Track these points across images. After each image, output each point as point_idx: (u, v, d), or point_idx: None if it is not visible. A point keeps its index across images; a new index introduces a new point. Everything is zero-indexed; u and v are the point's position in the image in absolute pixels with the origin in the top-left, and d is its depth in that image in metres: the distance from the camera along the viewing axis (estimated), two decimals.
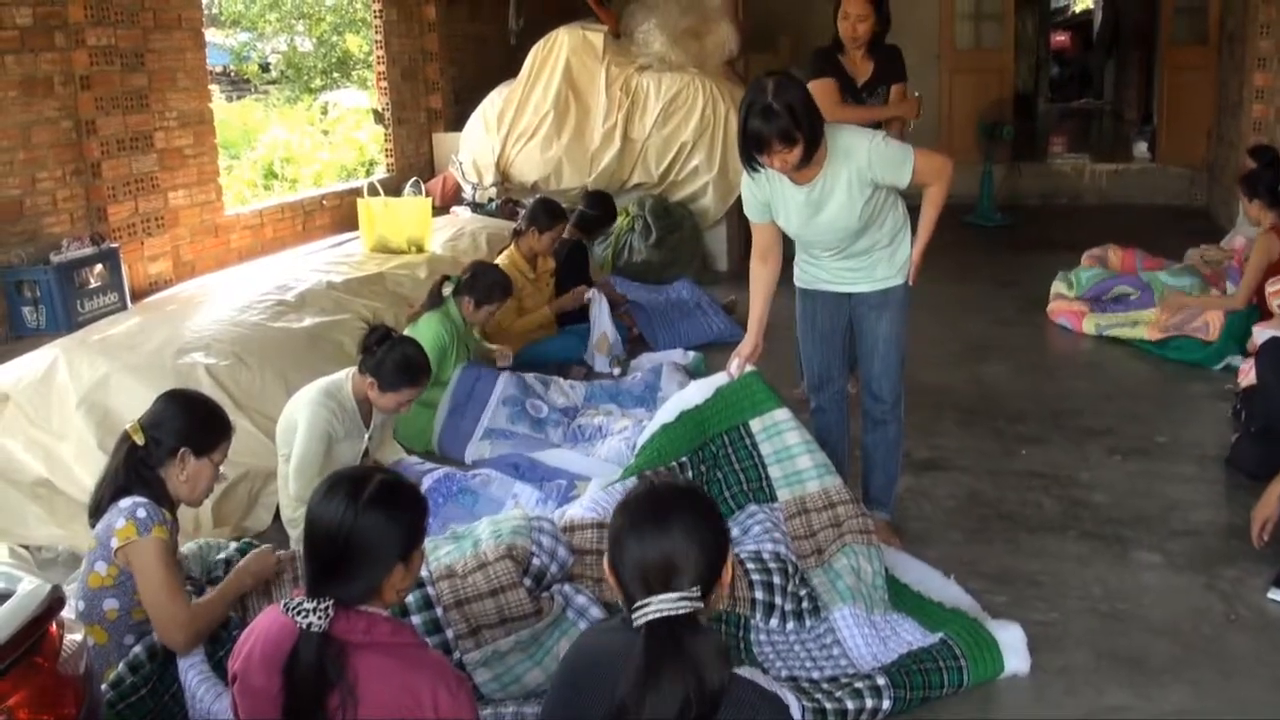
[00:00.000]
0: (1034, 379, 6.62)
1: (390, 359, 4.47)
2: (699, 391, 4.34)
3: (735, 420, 4.31)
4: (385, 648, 2.42)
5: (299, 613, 2.37)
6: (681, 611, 2.23)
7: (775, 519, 4.12)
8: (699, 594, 2.25)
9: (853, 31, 5.85)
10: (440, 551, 3.68)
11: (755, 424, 4.29)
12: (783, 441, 4.24)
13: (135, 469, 3.39)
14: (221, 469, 3.59)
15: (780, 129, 3.83)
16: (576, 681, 2.47)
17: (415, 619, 3.40)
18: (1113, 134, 15.74)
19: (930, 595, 3.97)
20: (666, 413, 4.32)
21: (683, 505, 2.37)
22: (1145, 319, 7.04)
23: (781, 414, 4.28)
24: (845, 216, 4.18)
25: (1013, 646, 3.60)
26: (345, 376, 4.60)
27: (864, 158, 4.07)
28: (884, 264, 4.44)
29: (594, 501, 4.10)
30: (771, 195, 4.25)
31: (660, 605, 2.24)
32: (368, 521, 2.45)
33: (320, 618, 2.37)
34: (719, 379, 4.35)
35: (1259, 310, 6.46)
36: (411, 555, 2.55)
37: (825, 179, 4.11)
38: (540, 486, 4.80)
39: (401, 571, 2.52)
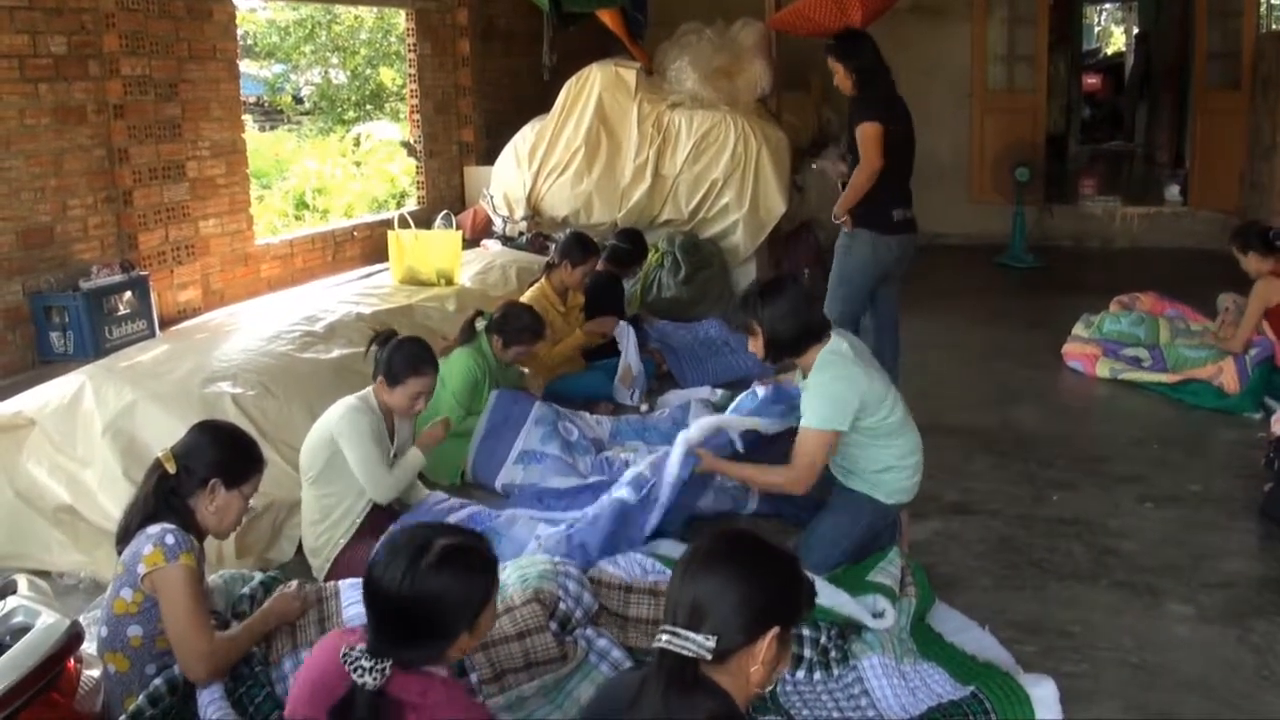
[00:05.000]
0: (1064, 423, 6.56)
1: (395, 354, 4.55)
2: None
3: None
4: (435, 711, 2.38)
5: (355, 669, 2.33)
6: (686, 652, 2.18)
7: None
8: (712, 645, 2.18)
9: (838, 84, 6.32)
10: None
11: None
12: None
13: (165, 497, 3.37)
14: (251, 502, 3.57)
15: (742, 321, 4.45)
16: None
17: None
18: (1144, 177, 15.64)
19: (964, 647, 3.91)
20: None
21: (739, 557, 2.29)
22: (1153, 380, 7.02)
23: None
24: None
25: (1045, 701, 3.51)
26: (369, 390, 4.64)
27: (811, 380, 4.30)
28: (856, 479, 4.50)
29: (626, 562, 4.10)
30: None
31: (669, 638, 2.20)
32: (432, 592, 2.41)
33: (376, 678, 2.33)
34: None
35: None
36: (478, 622, 2.51)
37: (807, 384, 4.36)
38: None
39: (466, 638, 2.49)
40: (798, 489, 4.24)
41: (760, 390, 4.95)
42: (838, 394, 4.17)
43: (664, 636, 2.21)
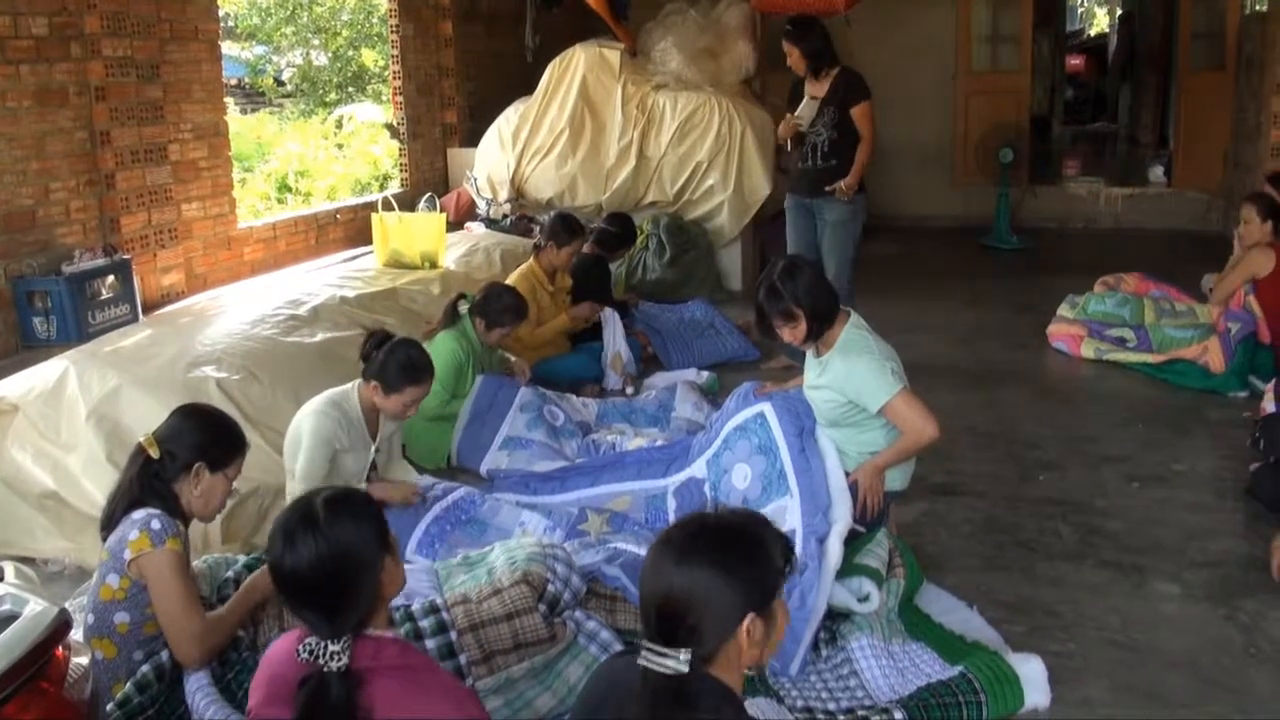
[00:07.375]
0: (1050, 404, 6.57)
1: (393, 360, 4.49)
2: None
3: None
4: (395, 670, 2.37)
5: (326, 656, 2.31)
6: (668, 672, 2.08)
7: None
8: (687, 658, 2.08)
9: (791, 65, 6.86)
10: (455, 580, 3.65)
11: None
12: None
13: (149, 482, 3.35)
14: (235, 484, 3.56)
15: (781, 309, 4.18)
16: (590, 711, 2.42)
17: (430, 643, 3.37)
18: (1127, 158, 15.67)
19: (952, 627, 3.92)
20: None
21: (715, 549, 2.16)
22: (1138, 359, 7.05)
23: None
24: (825, 405, 4.31)
25: (1033, 680, 3.53)
26: (352, 388, 4.58)
27: (842, 366, 4.19)
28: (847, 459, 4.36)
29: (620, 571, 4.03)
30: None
31: (651, 658, 2.11)
32: (342, 543, 2.41)
33: (346, 654, 2.32)
34: None
35: (1272, 350, 6.56)
36: (388, 542, 2.51)
37: (828, 364, 4.27)
38: (549, 514, 4.75)
39: (390, 564, 2.49)
40: (930, 430, 4.10)
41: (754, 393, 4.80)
42: (882, 365, 4.13)
43: (645, 657, 2.12)
